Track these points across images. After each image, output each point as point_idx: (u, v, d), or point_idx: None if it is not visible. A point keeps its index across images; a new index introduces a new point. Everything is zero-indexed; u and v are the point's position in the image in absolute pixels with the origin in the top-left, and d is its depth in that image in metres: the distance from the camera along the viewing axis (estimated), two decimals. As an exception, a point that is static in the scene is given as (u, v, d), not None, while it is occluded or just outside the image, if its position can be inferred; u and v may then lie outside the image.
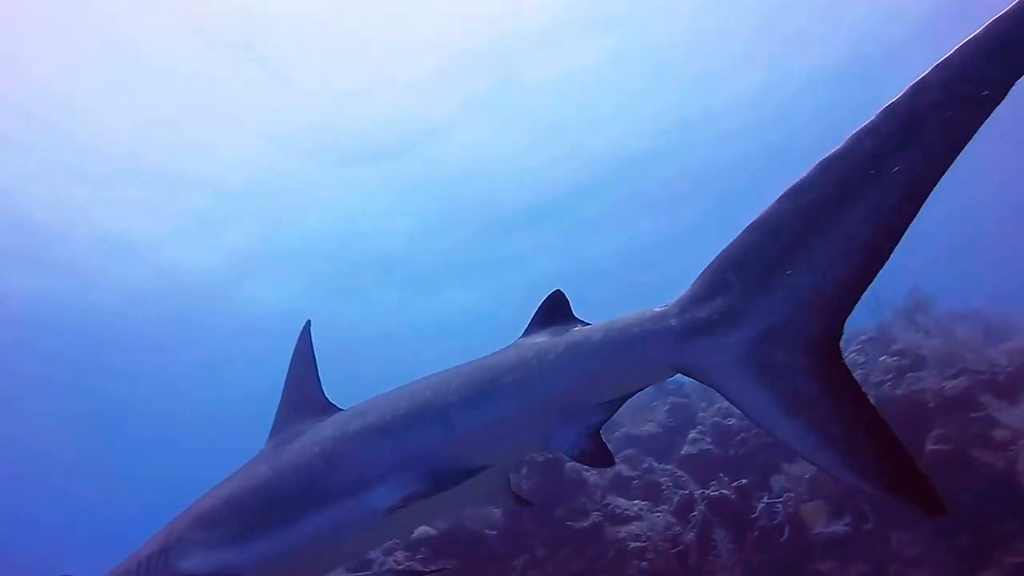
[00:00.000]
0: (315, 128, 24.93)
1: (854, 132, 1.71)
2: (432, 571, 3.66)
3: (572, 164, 26.91)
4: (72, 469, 39.49)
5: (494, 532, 7.14)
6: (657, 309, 2.07)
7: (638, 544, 6.27)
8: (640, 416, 9.17)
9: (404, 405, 2.48)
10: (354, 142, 25.67)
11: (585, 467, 7.20)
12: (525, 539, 6.82)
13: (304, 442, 2.79)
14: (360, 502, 2.41)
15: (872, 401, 1.76)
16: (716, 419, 8.32)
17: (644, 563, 6.14)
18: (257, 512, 2.66)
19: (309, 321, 3.30)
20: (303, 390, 3.16)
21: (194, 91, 22.78)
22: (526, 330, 2.46)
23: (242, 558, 2.58)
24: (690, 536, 6.23)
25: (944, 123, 1.59)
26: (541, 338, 2.32)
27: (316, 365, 3.25)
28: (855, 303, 1.79)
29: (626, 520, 6.64)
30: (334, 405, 3.07)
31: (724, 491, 6.30)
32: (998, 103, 1.54)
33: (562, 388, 2.15)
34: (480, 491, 2.55)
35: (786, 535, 5.87)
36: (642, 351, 2.04)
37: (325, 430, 2.76)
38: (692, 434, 8.32)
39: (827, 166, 1.75)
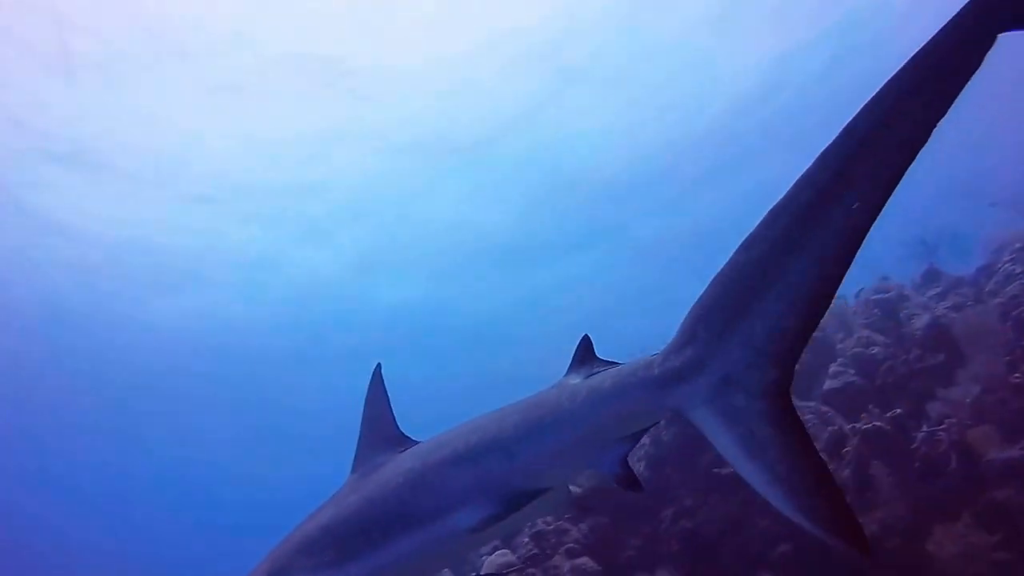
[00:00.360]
0: (416, 128, 25.57)
1: (795, 181, 1.80)
2: (524, 566, 3.91)
3: (666, 126, 26.23)
4: (245, 478, 42.20)
5: (638, 485, 7.13)
6: (650, 357, 2.31)
7: (790, 485, 6.09)
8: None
9: (475, 439, 2.76)
10: (454, 135, 26.13)
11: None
12: (671, 490, 6.77)
13: (387, 473, 3.09)
14: (444, 524, 2.69)
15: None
16: (858, 349, 7.90)
17: (799, 504, 5.95)
18: (351, 538, 2.96)
19: (379, 364, 3.62)
20: (379, 426, 3.47)
21: (299, 111, 24.01)
22: (568, 369, 2.72)
23: None
24: (845, 473, 5.97)
25: (874, 168, 1.68)
26: (575, 380, 2.61)
27: (389, 403, 3.56)
28: (803, 349, 1.95)
29: (774, 462, 6.46)
30: (409, 437, 3.36)
31: (877, 423, 5.98)
32: (923, 143, 1.63)
33: (589, 427, 2.46)
34: (547, 506, 2.89)
35: (953, 464, 5.52)
36: (637, 397, 2.31)
37: (406, 462, 3.05)
38: (833, 367, 7.93)
39: (772, 218, 1.87)
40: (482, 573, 6.85)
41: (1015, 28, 1.56)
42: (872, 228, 1.75)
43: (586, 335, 2.71)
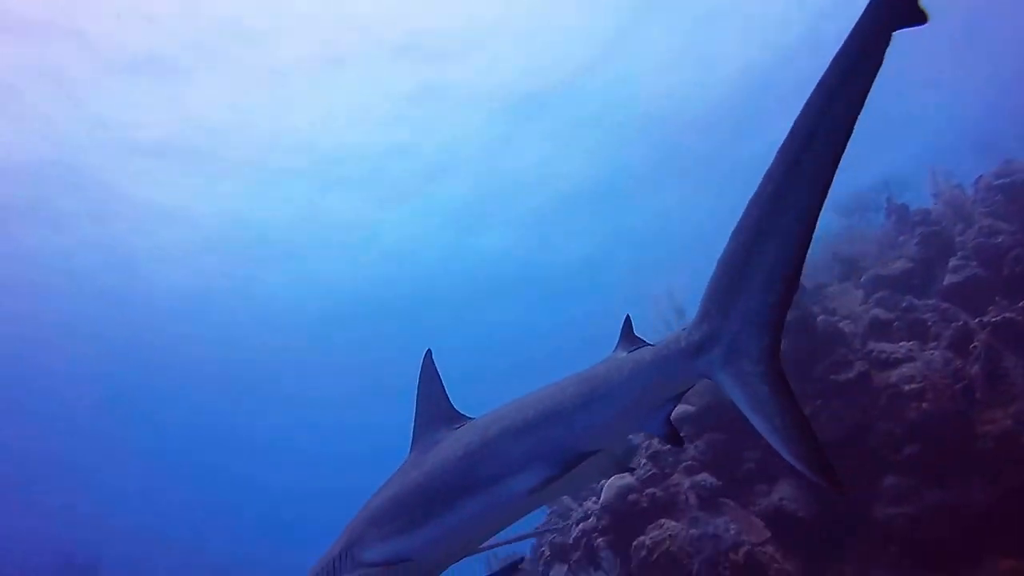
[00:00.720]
0: (497, 78, 25.58)
1: (763, 176, 2.14)
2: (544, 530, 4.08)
3: (748, 49, 25.02)
4: (365, 429, 44.20)
5: (753, 399, 7.06)
6: (679, 332, 2.65)
7: (914, 386, 5.87)
8: (887, 254, 8.44)
9: (531, 412, 3.08)
10: (535, 82, 25.99)
11: (838, 318, 6.85)
12: (787, 400, 6.68)
13: (446, 447, 3.40)
14: (505, 488, 3.01)
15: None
16: (980, 239, 7.46)
17: (924, 404, 5.76)
18: (416, 508, 3.26)
19: (430, 350, 3.88)
20: (434, 406, 3.75)
21: (380, 76, 24.54)
22: (616, 345, 3.06)
23: (409, 546, 3.22)
24: (974, 369, 5.73)
25: (816, 158, 2.03)
26: (621, 354, 2.96)
27: (442, 383, 3.82)
28: (785, 317, 2.28)
29: (895, 364, 6.22)
30: (463, 414, 3.66)
31: (1008, 314, 5.67)
32: (851, 133, 1.95)
33: (636, 395, 2.80)
34: (598, 467, 3.34)
35: (1093, 349, 5.20)
36: (672, 368, 2.66)
37: (465, 436, 3.35)
38: (953, 261, 7.52)
39: (748, 209, 2.21)
40: (603, 497, 7.02)
41: (906, 25, 1.86)
42: (823, 206, 2.09)
43: (627, 315, 3.07)
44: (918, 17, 1.84)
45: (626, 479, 6.85)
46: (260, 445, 47.60)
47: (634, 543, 6.10)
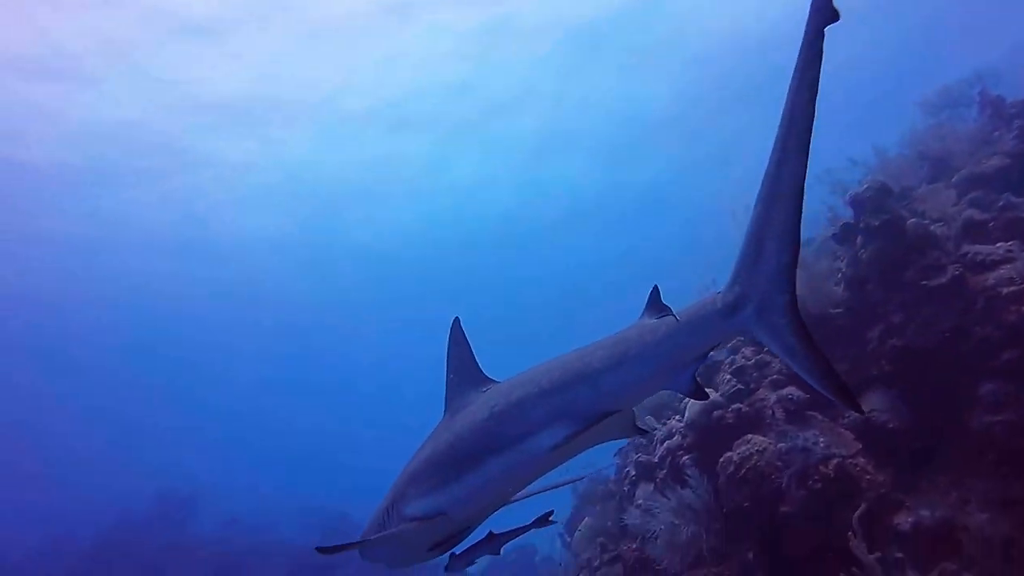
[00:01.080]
0: (563, 10, 25.14)
1: (768, 163, 2.57)
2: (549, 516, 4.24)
3: None
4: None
5: (838, 310, 6.88)
6: (713, 295, 2.99)
7: (1013, 288, 5.57)
8: (981, 151, 7.91)
9: (558, 374, 3.35)
10: (604, 9, 25.27)
11: (929, 221, 6.52)
12: (875, 309, 6.47)
13: (476, 409, 3.66)
14: (528, 445, 3.28)
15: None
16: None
17: (1025, 307, 5.48)
18: (450, 467, 3.57)
19: (457, 318, 4.15)
20: (464, 371, 4.03)
21: (443, 18, 24.42)
22: (642, 313, 3.32)
23: (444, 501, 3.53)
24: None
25: (796, 138, 2.45)
26: (650, 320, 3.21)
27: (471, 349, 4.10)
28: (794, 277, 2.71)
29: (991, 266, 5.90)
30: (490, 378, 3.94)
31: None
32: (814, 115, 2.38)
33: (669, 355, 3.09)
34: (615, 426, 3.37)
35: None
36: (708, 328, 2.98)
37: (490, 399, 3.62)
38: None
39: (761, 186, 2.63)
40: (687, 415, 7.04)
41: (831, 22, 2.29)
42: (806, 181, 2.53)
43: (655, 285, 3.31)
44: (835, 15, 2.29)
45: (713, 395, 6.84)
46: (333, 389, 49.34)
47: (721, 459, 6.13)
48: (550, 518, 4.18)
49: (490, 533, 3.95)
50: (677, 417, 7.71)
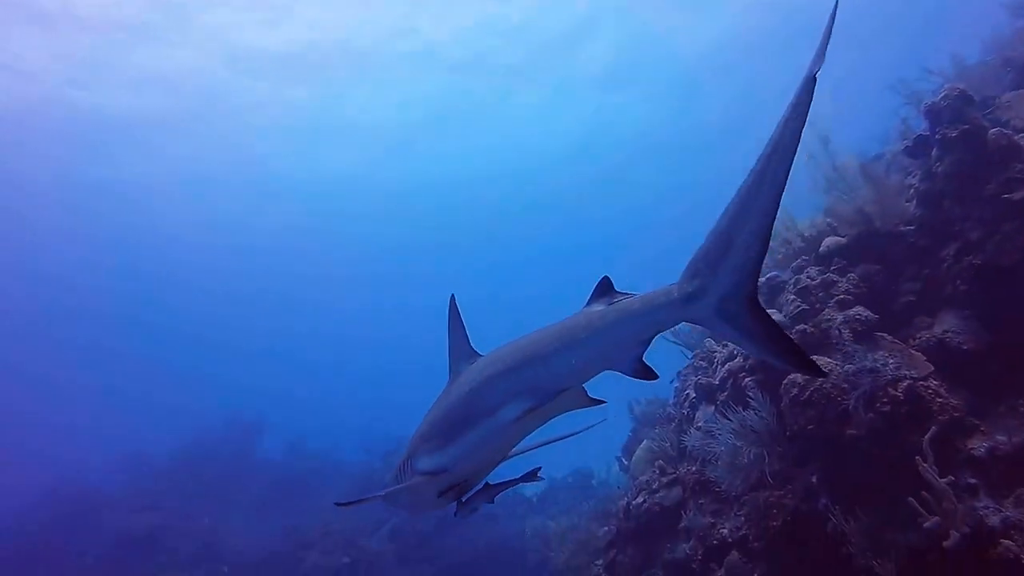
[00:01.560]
0: None
1: (748, 173, 2.70)
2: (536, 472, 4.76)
3: None
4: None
5: (910, 227, 6.56)
6: (668, 286, 3.13)
7: (1106, 200, 5.22)
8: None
9: (519, 355, 3.74)
10: None
11: (1013, 131, 6.09)
12: (951, 225, 6.14)
13: (461, 381, 4.19)
14: (496, 418, 3.72)
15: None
16: None
17: (1119, 219, 5.13)
18: (446, 431, 4.06)
19: (453, 295, 4.60)
20: (459, 344, 4.52)
21: None
22: (587, 302, 3.54)
23: (445, 460, 4.04)
24: None
25: (779, 161, 2.61)
26: (599, 307, 3.42)
27: (463, 324, 4.57)
28: (760, 269, 2.86)
29: (1083, 176, 5.52)
30: (477, 352, 4.39)
31: None
32: (798, 142, 2.54)
33: (616, 339, 3.33)
34: (570, 400, 3.67)
35: None
36: (663, 315, 3.17)
37: (471, 373, 4.11)
38: None
39: (735, 197, 2.78)
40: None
41: (818, 69, 2.45)
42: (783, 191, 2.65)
43: (607, 276, 3.52)
44: (818, 63, 2.46)
45: (775, 315, 6.65)
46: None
47: (784, 381, 5.99)
48: (537, 474, 4.68)
49: (487, 484, 4.44)
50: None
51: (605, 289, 3.53)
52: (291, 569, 14.38)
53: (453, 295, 4.65)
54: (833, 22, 2.45)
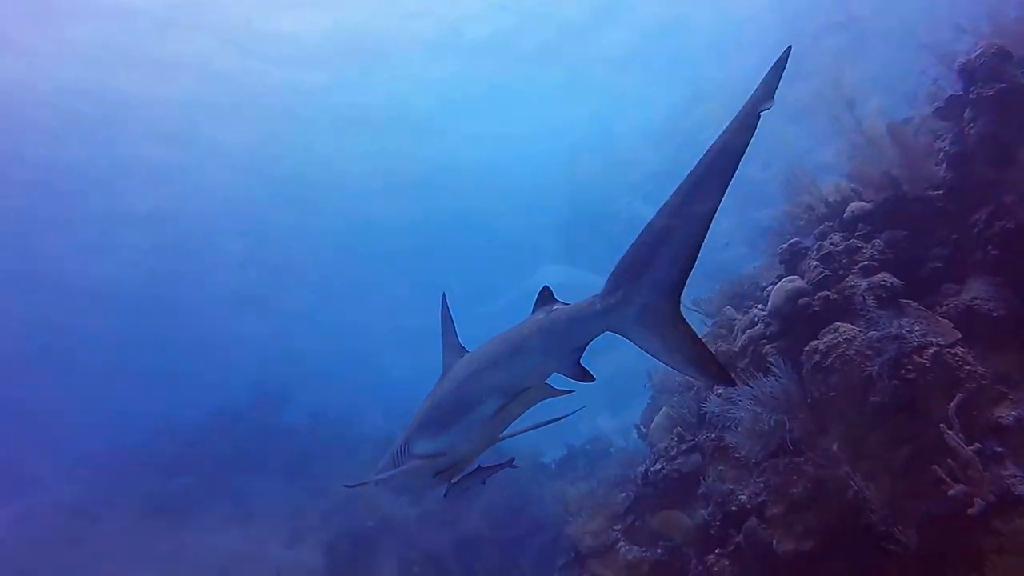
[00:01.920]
0: None
1: (674, 190, 2.82)
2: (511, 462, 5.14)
3: None
4: None
5: (938, 191, 6.39)
6: (593, 297, 3.30)
7: None
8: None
9: (486, 360, 4.14)
10: None
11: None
12: (983, 189, 5.97)
13: (450, 376, 4.61)
14: (476, 413, 4.06)
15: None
16: None
17: None
18: (438, 419, 4.42)
19: (444, 293, 5.04)
20: (450, 341, 4.91)
21: None
22: (532, 310, 3.81)
23: (439, 445, 4.38)
24: None
25: (714, 184, 2.71)
26: (541, 315, 3.69)
27: (452, 320, 5.01)
28: (685, 284, 2.98)
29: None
30: (465, 348, 4.74)
31: None
32: (736, 169, 2.66)
33: (555, 344, 3.57)
34: (536, 394, 3.95)
35: None
36: (586, 324, 3.36)
37: (455, 371, 4.53)
38: None
39: (661, 210, 2.89)
40: (770, 303, 6.78)
41: (766, 108, 2.52)
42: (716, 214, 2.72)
43: (546, 286, 3.83)
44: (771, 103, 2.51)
45: (796, 282, 6.54)
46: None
47: (806, 348, 5.91)
48: (513, 463, 5.11)
49: (479, 467, 4.82)
50: (759, 306, 7.46)
51: (546, 299, 3.83)
52: (317, 528, 14.85)
53: (444, 294, 5.11)
54: (785, 65, 2.51)
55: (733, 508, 6.53)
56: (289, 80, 29.55)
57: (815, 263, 6.60)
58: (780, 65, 2.51)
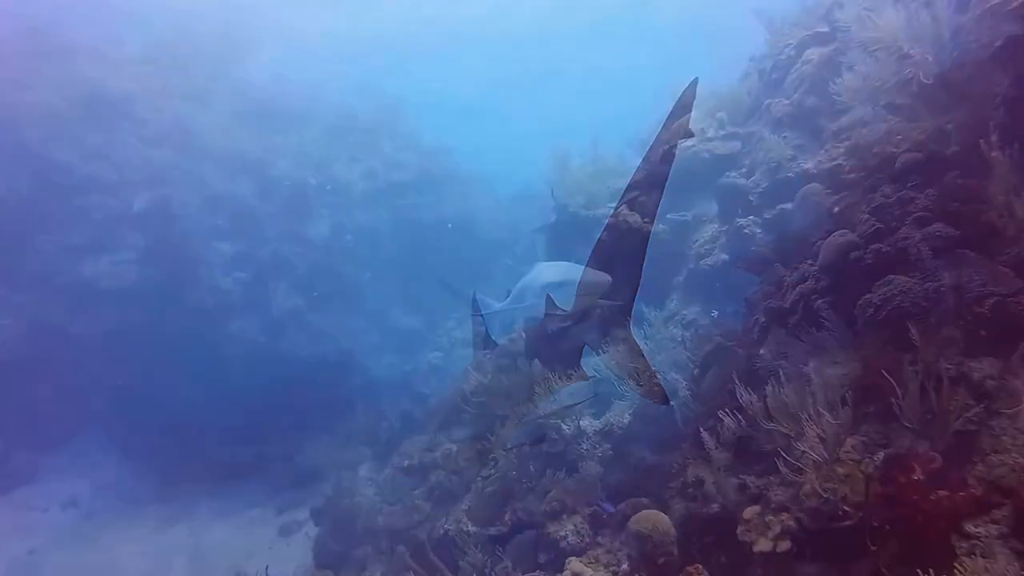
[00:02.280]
0: None
1: (609, 221, 3.96)
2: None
3: None
4: None
5: (995, 137, 6.20)
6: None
7: None
8: None
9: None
10: None
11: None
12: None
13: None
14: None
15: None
16: None
17: None
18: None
19: (475, 291, 5.85)
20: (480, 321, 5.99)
21: None
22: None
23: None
24: None
25: (643, 209, 3.80)
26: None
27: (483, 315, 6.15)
28: (631, 310, 3.69)
29: None
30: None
31: None
32: (664, 187, 3.88)
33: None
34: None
35: None
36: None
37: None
38: None
39: (599, 242, 3.77)
40: (820, 257, 6.71)
41: (683, 138, 3.28)
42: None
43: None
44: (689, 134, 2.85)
45: (847, 236, 6.46)
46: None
47: (860, 301, 5.86)
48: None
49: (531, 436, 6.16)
50: (809, 261, 7.39)
51: None
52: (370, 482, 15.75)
53: (475, 290, 6.03)
54: (693, 100, 2.77)
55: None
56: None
57: (866, 216, 6.50)
58: (687, 100, 3.03)
